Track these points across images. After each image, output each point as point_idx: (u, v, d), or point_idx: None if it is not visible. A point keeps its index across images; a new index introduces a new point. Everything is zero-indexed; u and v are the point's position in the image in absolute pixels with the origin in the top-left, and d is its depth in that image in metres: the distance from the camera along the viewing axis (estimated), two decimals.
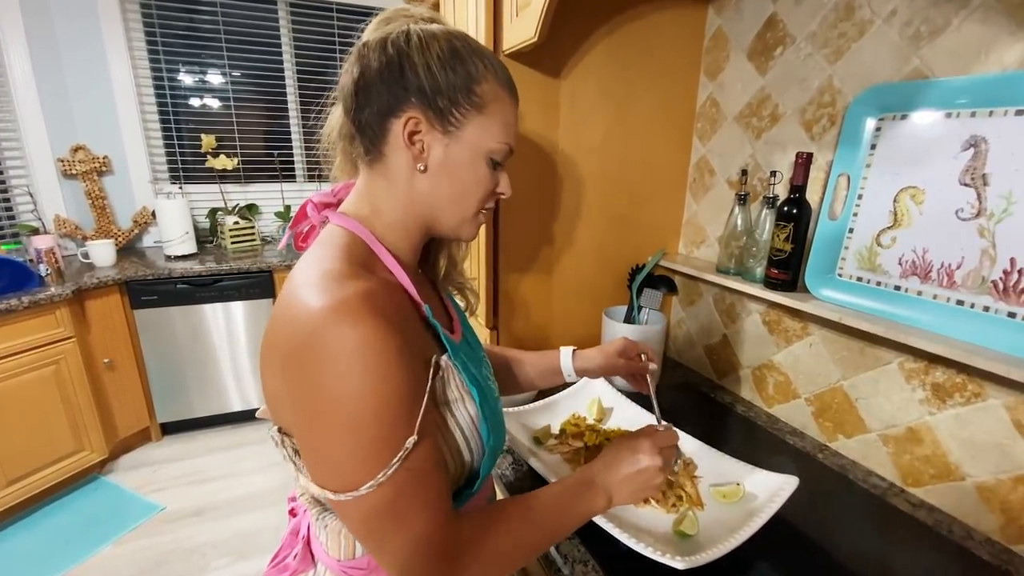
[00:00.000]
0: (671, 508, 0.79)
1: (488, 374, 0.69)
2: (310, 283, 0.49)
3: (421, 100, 0.54)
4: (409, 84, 0.54)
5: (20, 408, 1.97)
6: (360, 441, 0.46)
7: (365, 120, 0.57)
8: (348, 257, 0.53)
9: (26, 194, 2.41)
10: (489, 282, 1.21)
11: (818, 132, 0.98)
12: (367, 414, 0.46)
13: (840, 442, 0.99)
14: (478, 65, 0.56)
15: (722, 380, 1.26)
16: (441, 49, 0.54)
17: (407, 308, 0.56)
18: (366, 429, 0.46)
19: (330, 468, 0.48)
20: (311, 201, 0.64)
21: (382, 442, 0.47)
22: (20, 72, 2.31)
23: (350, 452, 0.47)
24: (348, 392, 0.45)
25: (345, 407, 0.46)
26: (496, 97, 0.57)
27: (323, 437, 0.48)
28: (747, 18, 1.09)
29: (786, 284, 0.98)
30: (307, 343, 0.46)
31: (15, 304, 1.89)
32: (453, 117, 0.55)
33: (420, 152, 0.56)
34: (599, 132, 1.17)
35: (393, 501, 0.48)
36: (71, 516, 2.10)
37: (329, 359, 0.45)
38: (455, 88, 0.55)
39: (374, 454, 0.47)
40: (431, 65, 0.54)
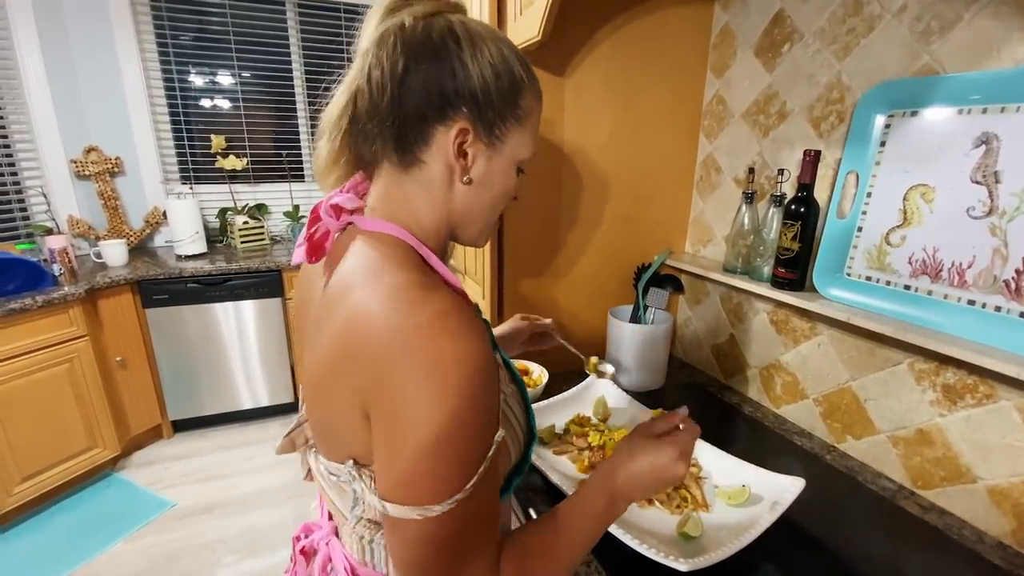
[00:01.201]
0: (675, 509, 0.78)
1: None
2: (384, 296, 0.46)
3: (472, 110, 0.51)
4: (461, 90, 0.50)
5: (34, 406, 2.01)
6: (452, 458, 0.45)
7: (401, 121, 0.51)
8: (409, 265, 0.50)
9: (40, 195, 2.45)
10: (494, 282, 1.21)
11: (826, 129, 0.96)
12: (466, 430, 0.44)
13: (849, 443, 0.98)
14: (523, 76, 0.54)
15: (729, 380, 1.25)
16: (492, 55, 0.51)
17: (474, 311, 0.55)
18: (462, 444, 0.45)
19: (417, 483, 0.45)
20: (327, 204, 0.55)
21: (471, 457, 0.46)
22: (34, 74, 2.35)
23: (438, 465, 0.45)
24: (452, 409, 0.43)
25: (446, 422, 0.43)
26: (534, 108, 0.56)
27: (416, 451, 0.44)
28: (754, 14, 1.08)
29: (794, 283, 0.97)
30: (399, 362, 0.43)
31: (29, 303, 1.92)
32: (500, 130, 0.53)
33: (467, 165, 0.53)
34: (604, 130, 1.17)
35: (457, 529, 0.46)
36: (84, 512, 2.14)
37: (428, 378, 0.43)
38: (505, 101, 0.52)
39: (461, 471, 0.45)
40: (484, 73, 0.51)
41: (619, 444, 0.63)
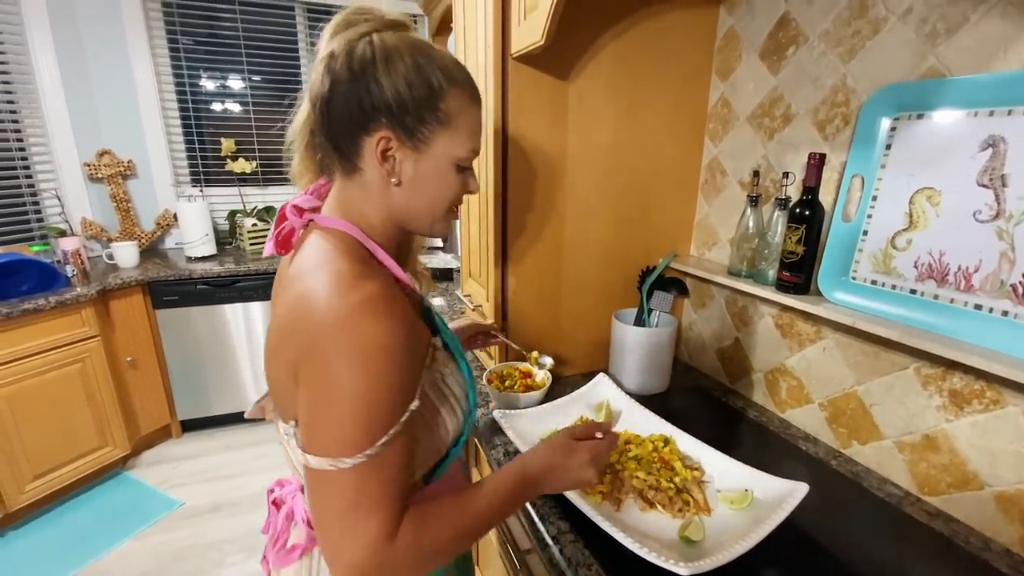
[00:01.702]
0: (677, 513, 0.78)
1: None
2: (325, 280, 0.54)
3: (390, 119, 0.58)
4: (378, 103, 0.57)
5: (46, 405, 2.04)
6: (358, 419, 0.52)
7: (337, 134, 0.60)
8: (353, 256, 0.58)
9: (54, 197, 2.49)
10: (497, 284, 1.21)
11: (831, 132, 0.96)
12: (369, 399, 0.52)
13: (854, 449, 0.97)
14: (441, 80, 0.59)
15: (734, 384, 1.24)
16: (406, 67, 0.57)
17: (406, 299, 0.61)
18: (365, 410, 0.52)
19: (325, 437, 0.53)
20: (290, 205, 0.66)
21: (373, 425, 0.52)
22: (48, 79, 2.39)
23: (343, 426, 0.52)
24: (357, 378, 0.51)
25: (352, 389, 0.51)
26: (460, 110, 0.61)
27: (325, 410, 0.53)
28: (759, 17, 1.08)
29: (798, 287, 0.96)
30: (332, 331, 0.51)
31: (42, 304, 1.95)
32: (421, 134, 0.59)
33: (392, 168, 0.60)
34: (608, 134, 1.17)
35: (357, 486, 0.53)
36: (94, 510, 2.16)
37: (347, 347, 0.51)
38: (421, 107, 0.58)
39: (364, 434, 0.52)
40: (397, 86, 0.57)
41: (545, 439, 0.70)
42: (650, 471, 0.84)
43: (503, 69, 1.06)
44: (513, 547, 0.96)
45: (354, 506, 0.53)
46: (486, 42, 1.07)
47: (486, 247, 1.23)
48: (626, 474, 0.84)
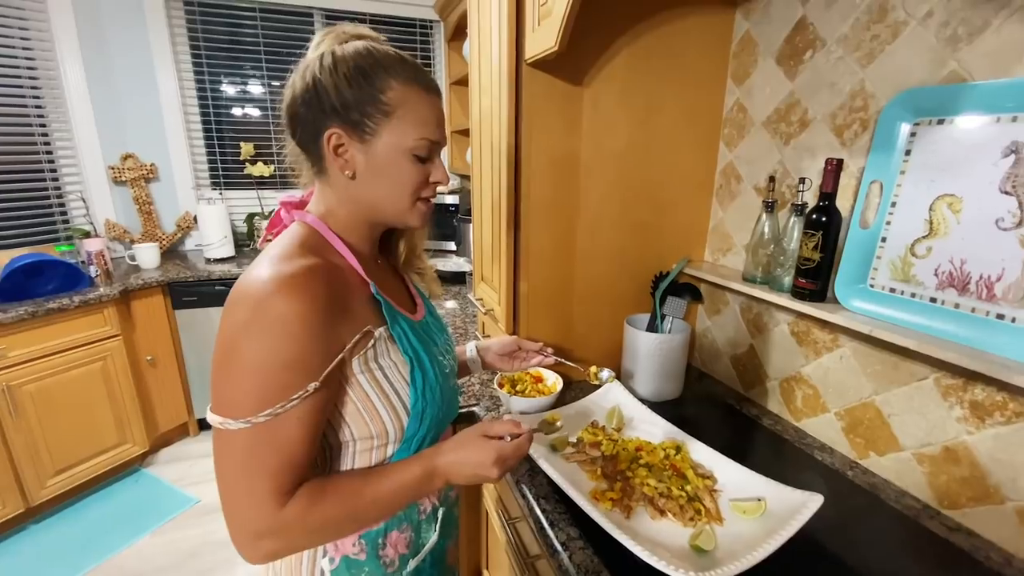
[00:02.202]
0: (688, 522, 0.77)
1: (438, 352, 0.76)
2: (263, 259, 0.60)
3: (337, 117, 0.63)
4: (325, 106, 0.62)
5: (69, 402, 2.09)
6: (247, 383, 0.55)
7: (302, 141, 0.67)
8: (300, 243, 0.63)
9: (80, 199, 2.56)
10: (509, 288, 1.22)
11: (849, 138, 0.95)
12: (259, 365, 0.55)
13: (872, 459, 0.95)
14: (381, 75, 0.62)
15: (748, 392, 1.22)
16: (348, 68, 0.62)
17: (353, 285, 0.65)
18: (254, 376, 0.55)
19: (220, 395, 0.57)
20: (283, 204, 0.74)
21: (263, 392, 0.55)
22: (75, 84, 2.46)
23: (236, 388, 0.56)
24: (252, 344, 0.55)
25: (245, 353, 0.55)
26: (405, 100, 0.63)
27: (224, 370, 0.57)
28: (776, 21, 1.07)
29: (814, 294, 0.95)
30: (244, 300, 0.56)
31: (67, 303, 2.01)
32: (367, 127, 0.63)
33: (346, 162, 0.64)
34: (622, 139, 1.16)
35: (249, 449, 0.56)
36: (113, 506, 2.21)
37: (249, 315, 0.55)
38: (362, 101, 0.62)
39: (252, 399, 0.55)
40: (339, 85, 0.62)
41: (457, 433, 0.71)
42: (661, 478, 0.84)
43: (517, 75, 1.07)
44: (522, 552, 0.96)
45: (245, 468, 0.57)
46: (500, 48, 1.08)
47: (498, 251, 1.24)
48: (636, 481, 0.84)
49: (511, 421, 0.73)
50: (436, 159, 0.69)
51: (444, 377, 0.74)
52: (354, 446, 0.66)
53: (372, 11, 2.97)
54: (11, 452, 1.93)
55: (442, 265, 2.44)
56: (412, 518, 0.73)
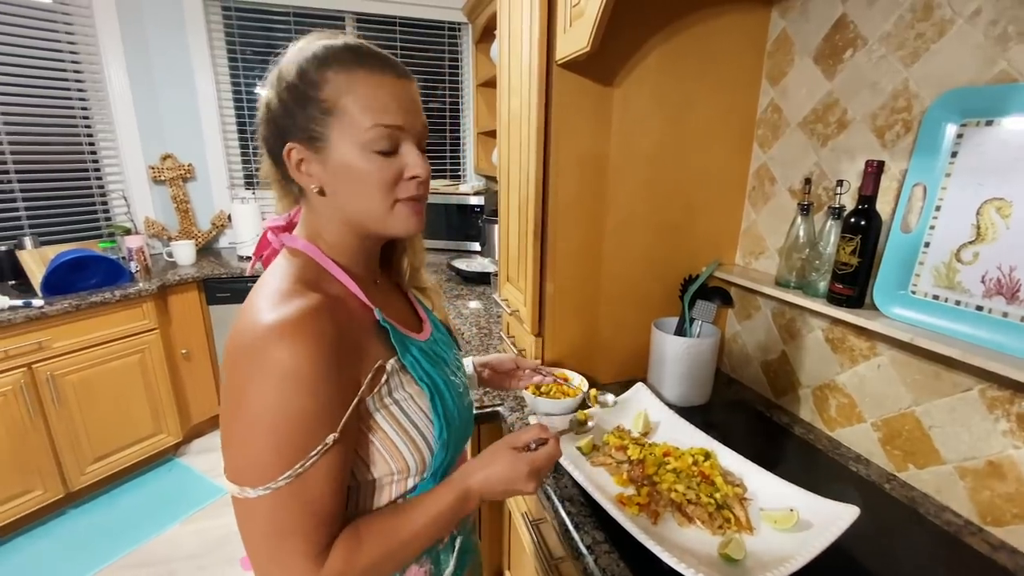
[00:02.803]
0: (717, 530, 0.76)
1: (450, 371, 0.71)
2: (260, 300, 0.55)
3: (289, 133, 0.58)
4: (278, 123, 0.59)
5: (109, 392, 2.17)
6: (263, 446, 0.50)
7: (273, 163, 0.63)
8: (295, 275, 0.58)
9: (121, 198, 2.66)
10: (535, 289, 1.21)
11: (891, 139, 0.92)
12: (273, 424, 0.50)
13: (910, 472, 0.92)
14: (316, 71, 0.56)
15: (779, 399, 1.19)
16: (289, 76, 0.57)
17: (357, 315, 0.60)
18: (269, 437, 0.50)
19: (236, 463, 0.52)
20: (269, 228, 0.68)
21: (282, 452, 0.50)
22: (119, 87, 2.56)
23: (252, 453, 0.51)
24: (263, 402, 0.50)
25: (257, 414, 0.50)
26: (346, 89, 0.55)
27: (236, 434, 0.52)
28: (814, 20, 1.04)
29: (852, 300, 0.92)
30: (243, 351, 0.51)
31: (108, 297, 2.09)
32: (316, 132, 0.57)
33: (310, 177, 0.59)
34: (653, 140, 1.15)
35: (276, 515, 0.51)
36: (147, 494, 2.29)
37: (255, 370, 0.50)
38: (304, 106, 0.56)
39: (272, 461, 0.50)
40: (282, 97, 0.57)
41: (485, 449, 0.67)
42: (689, 485, 0.82)
43: (547, 76, 1.07)
44: (546, 554, 0.96)
45: (275, 534, 0.52)
46: (531, 49, 1.08)
47: (525, 252, 1.24)
48: (664, 487, 0.83)
49: (537, 426, 0.70)
50: (406, 148, 0.59)
51: (459, 397, 0.69)
52: (374, 484, 0.61)
53: (401, 14, 3.01)
54: (53, 439, 2.02)
55: (466, 265, 2.45)
56: (431, 549, 0.68)
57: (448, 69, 3.27)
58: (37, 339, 1.92)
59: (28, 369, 1.92)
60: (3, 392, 1.86)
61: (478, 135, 3.11)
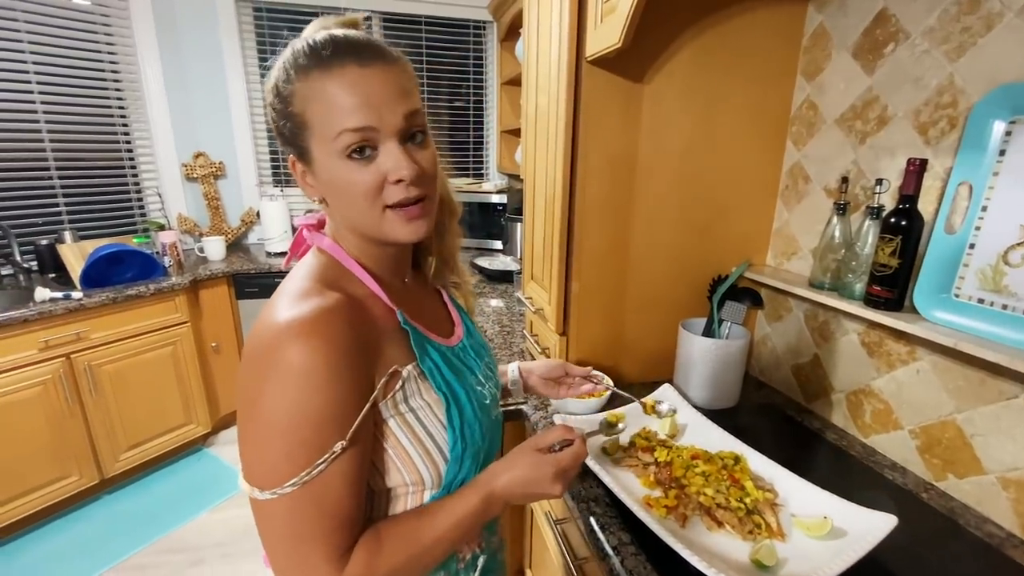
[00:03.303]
0: (747, 535, 0.74)
1: (476, 380, 0.68)
2: (280, 299, 0.54)
3: (285, 147, 0.58)
4: (276, 131, 0.58)
5: (142, 382, 2.24)
6: (276, 448, 0.50)
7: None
8: (316, 275, 0.57)
9: (155, 194, 2.74)
10: (560, 287, 1.21)
11: (935, 136, 0.88)
12: (285, 426, 0.49)
13: (950, 482, 0.88)
14: (287, 84, 0.53)
15: (811, 404, 1.16)
16: (270, 93, 0.56)
17: (378, 317, 0.59)
18: (282, 439, 0.49)
19: (250, 464, 0.52)
20: (304, 226, 0.67)
21: (294, 454, 0.49)
22: (154, 87, 2.64)
23: (265, 455, 0.50)
24: (275, 403, 0.49)
25: (269, 415, 0.49)
26: (308, 98, 0.52)
27: (250, 435, 0.51)
28: (853, 14, 1.01)
29: (890, 303, 0.89)
30: (258, 351, 0.51)
31: (143, 291, 2.15)
32: (301, 148, 0.56)
33: (311, 187, 0.59)
34: (683, 137, 1.13)
35: (292, 518, 0.51)
36: (177, 482, 2.35)
37: (269, 371, 0.49)
38: (286, 123, 0.55)
39: (285, 463, 0.50)
40: (272, 115, 0.57)
41: (509, 452, 0.65)
42: (718, 489, 0.81)
43: (576, 73, 1.06)
44: (570, 554, 0.95)
45: (292, 537, 0.51)
46: (560, 46, 1.07)
47: (550, 250, 1.23)
48: (692, 490, 0.81)
49: (562, 427, 0.68)
50: (387, 149, 0.53)
51: (483, 410, 0.66)
52: (389, 494, 0.60)
53: (427, 13, 3.03)
54: (90, 427, 2.09)
55: (488, 264, 2.46)
56: (450, 567, 0.66)
57: (472, 67, 3.27)
58: (76, 330, 1.99)
59: (67, 359, 1.99)
60: (43, 381, 1.93)
61: (501, 133, 3.11)
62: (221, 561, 1.91)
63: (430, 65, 3.17)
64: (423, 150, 0.57)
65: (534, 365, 0.95)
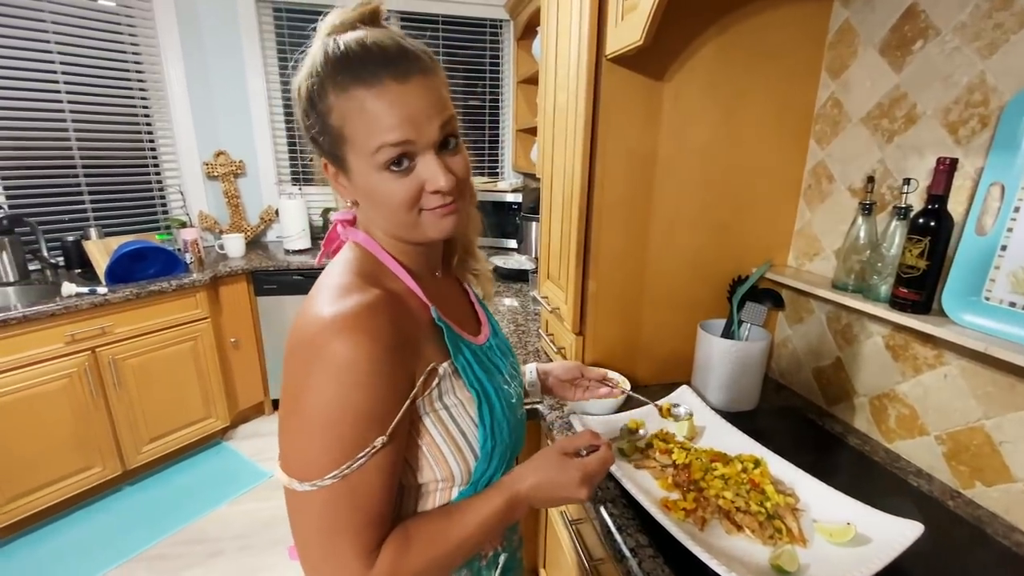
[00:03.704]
0: (768, 540, 0.73)
1: (503, 379, 0.68)
2: (320, 294, 0.55)
3: (321, 150, 0.58)
4: (310, 138, 0.58)
5: (164, 376, 2.28)
6: (317, 440, 0.51)
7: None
8: (355, 269, 0.58)
9: (177, 192, 2.79)
10: (577, 287, 1.20)
11: (965, 135, 0.86)
12: (328, 419, 0.50)
13: (977, 490, 0.86)
14: (323, 96, 0.53)
15: (832, 407, 1.14)
16: (304, 100, 0.56)
17: (415, 312, 0.59)
18: (324, 432, 0.50)
19: (289, 455, 0.53)
20: (338, 221, 0.68)
21: (336, 448, 0.51)
22: (177, 87, 2.68)
23: (306, 447, 0.51)
24: (319, 396, 0.50)
25: (313, 408, 0.50)
26: (348, 113, 0.53)
27: (292, 427, 0.53)
28: (880, 9, 0.99)
29: (917, 305, 0.87)
30: (302, 344, 0.52)
31: (165, 287, 2.19)
32: (337, 158, 0.57)
33: (344, 189, 0.60)
34: (703, 135, 1.12)
35: (327, 511, 0.51)
36: (197, 474, 2.40)
37: (314, 364, 0.50)
38: (321, 133, 0.56)
39: (325, 456, 0.51)
40: (303, 121, 0.57)
41: (535, 455, 0.66)
42: (738, 492, 0.80)
43: (596, 71, 1.05)
44: (585, 554, 0.95)
45: (326, 530, 0.52)
46: (580, 44, 1.06)
47: (567, 249, 1.23)
48: (711, 493, 0.81)
49: (589, 432, 0.69)
50: (425, 160, 0.55)
51: (511, 408, 0.66)
52: (419, 490, 0.61)
53: (444, 12, 3.04)
54: (113, 419, 2.14)
55: (503, 263, 2.46)
56: (473, 565, 0.67)
57: (489, 66, 3.27)
58: (100, 324, 2.04)
59: (92, 353, 2.04)
60: (69, 374, 1.98)
61: (517, 132, 3.11)
62: (240, 552, 1.94)
63: (446, 64, 3.17)
64: (456, 155, 0.58)
65: (551, 367, 0.96)
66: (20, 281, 2.20)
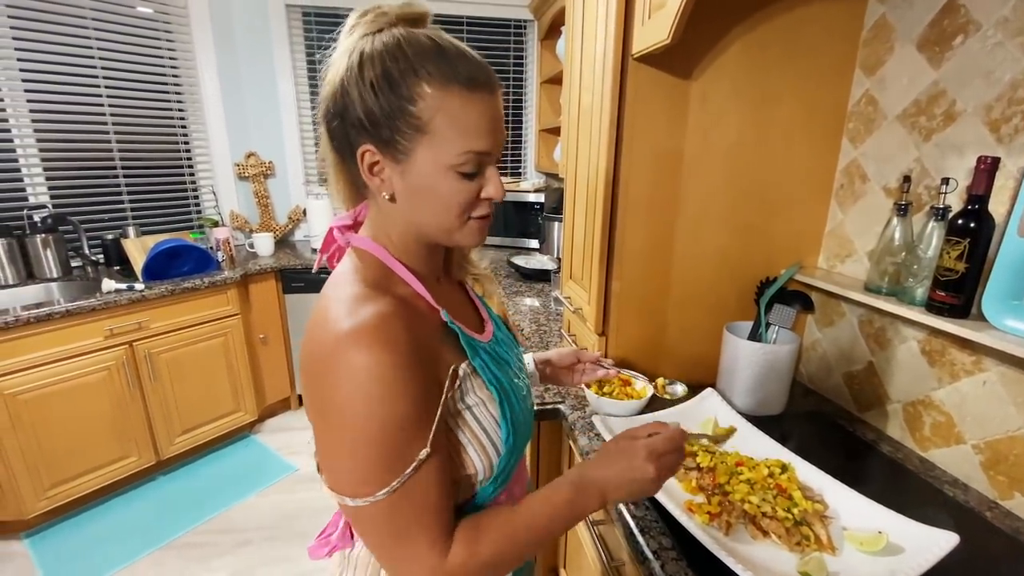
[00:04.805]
0: (795, 547, 0.72)
1: (513, 373, 0.69)
2: (334, 306, 0.54)
3: (367, 133, 0.54)
4: (353, 118, 0.54)
5: (195, 371, 2.36)
6: (364, 458, 0.51)
7: (339, 153, 0.60)
8: (366, 278, 0.57)
9: (211, 192, 2.87)
10: (601, 287, 1.20)
11: (1008, 133, 0.83)
12: (371, 434, 0.50)
13: (1016, 501, 0.83)
14: (411, 80, 0.52)
15: (863, 413, 1.11)
16: (375, 76, 0.52)
17: (426, 318, 0.59)
18: (369, 448, 0.50)
19: (339, 476, 0.53)
20: (334, 227, 0.67)
21: (385, 461, 0.51)
22: (211, 91, 2.76)
23: (354, 465, 0.51)
24: (355, 413, 0.50)
25: (352, 425, 0.50)
26: (441, 108, 0.52)
27: (334, 447, 0.53)
28: (918, 4, 0.96)
29: (955, 309, 0.84)
30: (324, 362, 0.51)
31: (198, 284, 2.26)
32: (400, 145, 0.54)
33: (382, 182, 0.57)
34: (731, 135, 1.10)
35: (391, 518, 0.52)
36: (226, 466, 2.47)
37: (341, 380, 0.50)
38: (391, 115, 0.53)
39: (376, 471, 0.51)
40: (364, 96, 0.53)
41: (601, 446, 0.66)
42: (764, 497, 0.78)
43: (622, 70, 1.05)
44: (607, 556, 0.95)
45: (395, 535, 0.52)
46: (606, 43, 1.06)
47: (591, 249, 1.22)
48: (736, 497, 0.79)
49: (655, 423, 0.67)
50: (488, 171, 0.57)
51: (523, 400, 0.67)
52: None
53: (468, 13, 3.06)
54: (148, 411, 2.22)
55: (525, 262, 2.46)
56: None
57: (512, 66, 3.28)
58: (137, 319, 2.12)
59: (129, 347, 2.12)
60: (108, 367, 2.06)
61: (540, 132, 3.11)
62: (266, 543, 1.99)
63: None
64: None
65: (548, 355, 0.99)
66: (63, 277, 2.30)
